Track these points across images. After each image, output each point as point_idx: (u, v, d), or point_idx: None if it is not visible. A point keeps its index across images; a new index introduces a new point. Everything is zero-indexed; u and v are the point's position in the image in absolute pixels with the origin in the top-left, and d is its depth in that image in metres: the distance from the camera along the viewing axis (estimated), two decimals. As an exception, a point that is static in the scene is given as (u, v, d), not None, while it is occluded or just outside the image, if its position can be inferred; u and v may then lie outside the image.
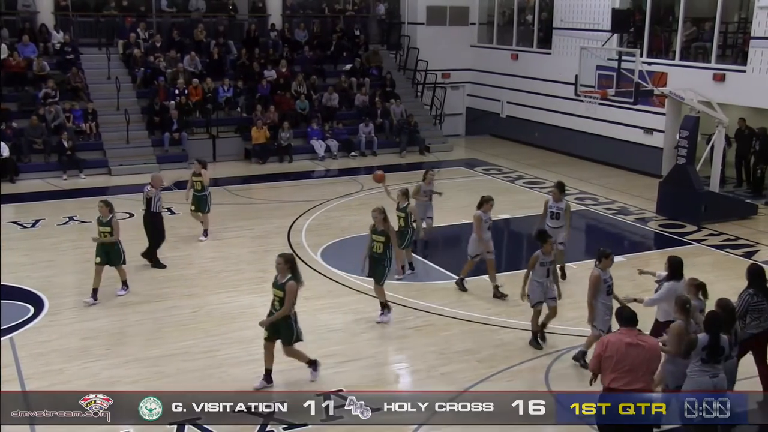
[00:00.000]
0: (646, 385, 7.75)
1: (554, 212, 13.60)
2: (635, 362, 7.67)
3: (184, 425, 8.96)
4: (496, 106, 28.51)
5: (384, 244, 11.68)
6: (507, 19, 28.57)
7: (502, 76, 28.00)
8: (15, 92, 22.97)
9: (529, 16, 27.64)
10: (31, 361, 10.54)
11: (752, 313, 9.32)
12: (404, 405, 9.60)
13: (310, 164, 23.84)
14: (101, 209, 12.84)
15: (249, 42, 26.69)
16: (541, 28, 26.80)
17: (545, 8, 26.57)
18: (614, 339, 7.88)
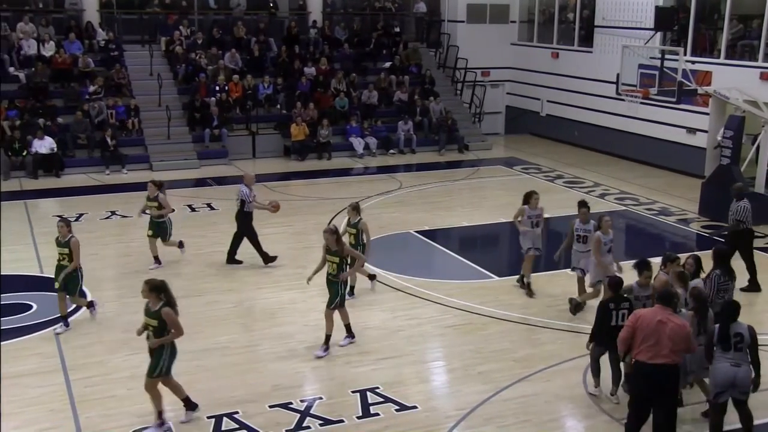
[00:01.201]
0: (670, 360, 8.02)
1: (581, 235, 12.16)
2: (661, 338, 7.99)
3: (222, 418, 9.05)
4: (536, 105, 28.32)
5: (338, 266, 10.72)
6: (547, 17, 28.36)
7: (542, 74, 27.80)
8: (61, 88, 23.36)
9: (570, 14, 27.41)
10: (73, 352, 10.72)
11: (718, 293, 10.03)
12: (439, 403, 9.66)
13: (349, 161, 23.91)
14: (61, 229, 11.33)
15: (289, 39, 26.84)
16: (583, 26, 26.55)
17: (587, 6, 26.31)
18: (647, 314, 8.27)
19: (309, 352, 10.86)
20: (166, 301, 8.71)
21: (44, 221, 17.07)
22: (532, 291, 13.00)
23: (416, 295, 13.01)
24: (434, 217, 17.77)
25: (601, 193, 20.23)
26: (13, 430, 8.82)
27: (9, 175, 20.67)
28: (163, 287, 8.75)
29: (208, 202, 18.81)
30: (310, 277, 11.20)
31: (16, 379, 9.88)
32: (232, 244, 14.36)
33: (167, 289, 8.80)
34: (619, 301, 9.54)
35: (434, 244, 16.09)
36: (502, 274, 14.15)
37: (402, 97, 26.27)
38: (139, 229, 16.75)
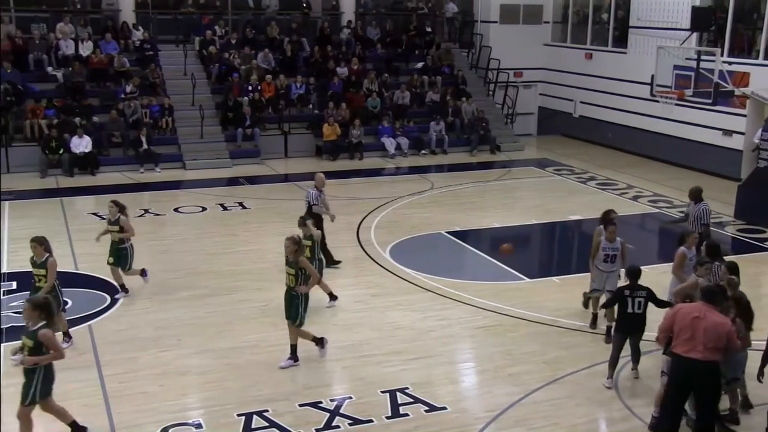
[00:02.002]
0: (704, 357, 7.95)
1: (609, 254, 11.35)
2: (696, 333, 7.98)
3: (252, 416, 9.10)
4: (569, 106, 28.12)
5: (295, 278, 10.22)
6: (581, 18, 28.15)
7: (575, 75, 27.60)
8: (97, 88, 23.65)
9: (604, 15, 27.18)
10: (106, 348, 10.83)
11: None
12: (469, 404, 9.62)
13: (381, 162, 23.92)
14: (35, 249, 10.45)
15: (322, 39, 26.93)
16: (617, 26, 26.32)
17: (622, 6, 26.07)
18: (686, 308, 8.28)
19: (339, 351, 10.87)
20: (47, 322, 8.13)
21: (79, 219, 17.31)
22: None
23: (447, 295, 12.98)
24: (465, 217, 17.71)
25: (634, 196, 20.03)
26: (48, 423, 8.93)
27: (46, 173, 20.97)
28: (45, 306, 8.19)
29: (239, 201, 18.93)
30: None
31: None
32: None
33: (50, 309, 8.23)
34: (636, 289, 9.84)
35: (465, 245, 16.03)
36: (532, 276, 14.06)
37: (434, 98, 26.23)
38: (172, 227, 16.98)
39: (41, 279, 10.42)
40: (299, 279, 10.23)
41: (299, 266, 10.17)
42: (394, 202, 18.94)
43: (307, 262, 10.38)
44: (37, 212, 17.69)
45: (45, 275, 10.38)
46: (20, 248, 14.91)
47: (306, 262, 10.35)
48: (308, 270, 10.31)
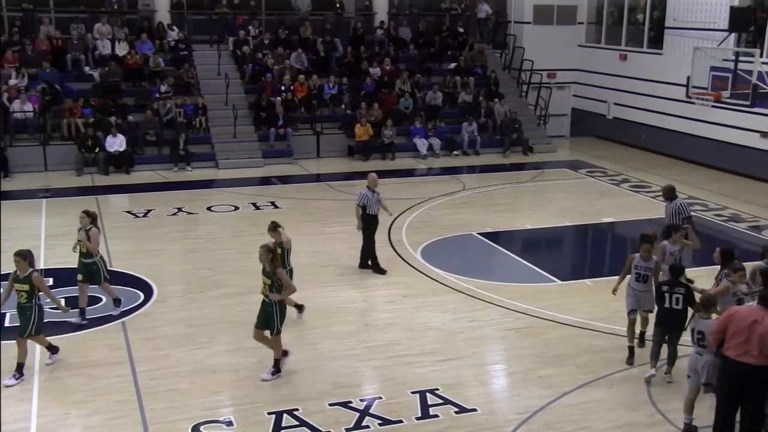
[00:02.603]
0: (757, 361, 7.90)
1: (641, 274, 10.68)
2: (751, 337, 7.90)
3: (282, 414, 9.14)
4: (603, 107, 27.88)
5: (271, 287, 9.87)
6: (616, 19, 27.90)
7: (609, 76, 27.36)
8: (132, 87, 23.92)
9: (639, 15, 26.91)
10: (140, 345, 10.95)
11: None
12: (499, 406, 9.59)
13: (413, 162, 23.90)
14: (18, 263, 9.85)
15: (355, 40, 26.99)
16: (653, 27, 26.04)
17: (657, 7, 25.79)
18: (742, 312, 8.24)
19: (369, 351, 10.89)
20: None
21: (114, 216, 17.53)
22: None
23: (478, 297, 12.94)
24: (497, 219, 17.65)
25: (668, 198, 19.79)
26: (81, 418, 9.06)
27: (82, 171, 21.25)
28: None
29: (272, 200, 19.03)
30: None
31: (84, 369, 10.14)
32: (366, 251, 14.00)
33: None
34: (674, 286, 9.78)
35: (497, 247, 15.97)
36: (564, 278, 13.97)
37: (467, 99, 26.16)
38: (205, 226, 17.12)
39: (23, 295, 9.76)
40: (274, 288, 9.86)
41: (276, 277, 9.81)
42: (425, 202, 18.92)
43: (283, 274, 9.96)
44: (73, 209, 17.81)
45: (27, 291, 9.73)
46: (57, 245, 15.19)
47: (283, 273, 9.94)
48: (284, 281, 9.89)
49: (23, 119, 21.83)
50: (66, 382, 9.85)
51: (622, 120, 27.09)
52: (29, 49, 23.61)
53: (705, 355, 8.56)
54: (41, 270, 13.59)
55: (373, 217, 13.82)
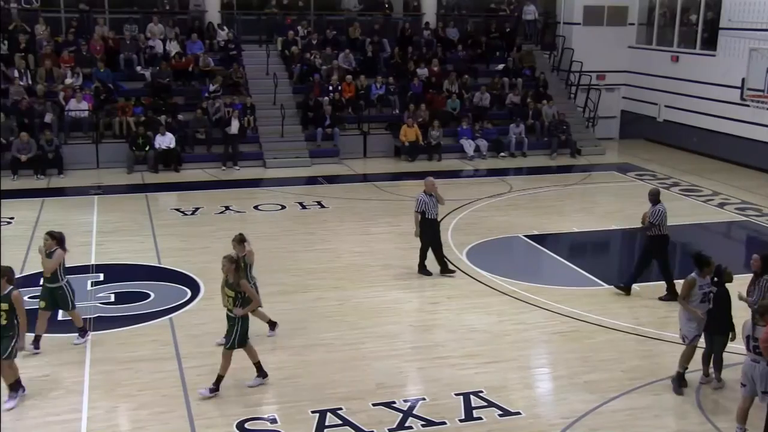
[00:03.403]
0: None
1: (708, 292, 9.79)
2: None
3: (326, 413, 9.18)
4: (653, 110, 27.48)
5: (233, 300, 9.45)
6: (668, 19, 27.47)
7: (660, 78, 26.96)
8: (182, 87, 24.25)
9: (693, 16, 26.45)
10: (187, 341, 11.08)
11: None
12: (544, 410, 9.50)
13: (459, 163, 23.83)
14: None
15: (403, 40, 27.00)
16: (706, 28, 25.59)
17: (712, 7, 25.33)
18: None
19: (413, 352, 10.89)
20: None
21: (163, 214, 17.79)
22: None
23: (523, 299, 12.85)
24: (544, 221, 17.51)
25: (720, 203, 19.45)
26: (129, 411, 9.21)
27: (133, 168, 21.60)
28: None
29: (318, 200, 19.13)
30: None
31: (132, 363, 10.30)
32: (421, 254, 13.88)
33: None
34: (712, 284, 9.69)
35: (543, 249, 15.84)
36: (611, 282, 13.76)
37: (514, 100, 26.00)
38: (251, 224, 17.25)
39: (2, 315, 9.05)
40: (237, 301, 9.45)
41: (239, 288, 9.42)
42: (471, 204, 18.84)
43: (248, 285, 9.60)
44: (123, 207, 18.26)
45: (6, 311, 9.05)
46: (107, 241, 15.48)
47: (247, 285, 9.56)
48: (248, 293, 9.50)
49: (77, 118, 22.29)
50: (115, 375, 10.01)
51: (672, 122, 26.67)
52: (84, 50, 24.10)
53: (762, 362, 8.37)
54: (93, 266, 13.92)
55: (432, 221, 13.67)
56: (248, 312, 9.61)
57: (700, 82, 25.09)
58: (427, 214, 13.57)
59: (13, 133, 21.19)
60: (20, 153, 20.68)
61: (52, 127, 21.57)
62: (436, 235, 13.84)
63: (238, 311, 9.43)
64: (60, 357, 10.49)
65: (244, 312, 9.49)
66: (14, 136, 21.03)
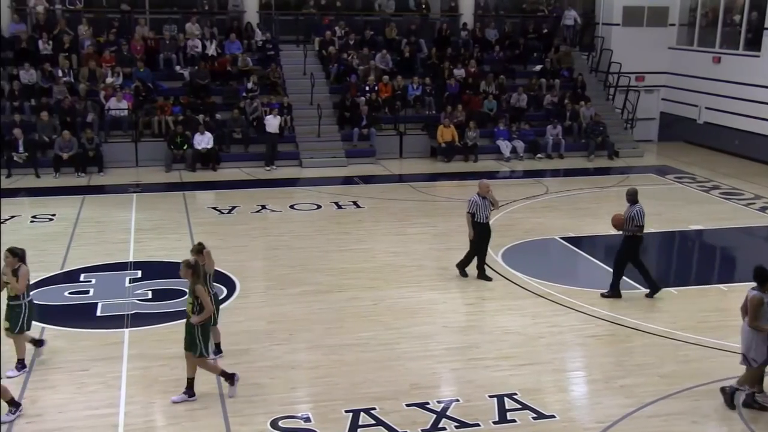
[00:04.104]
0: None
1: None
2: None
3: (359, 413, 9.20)
4: (693, 112, 27.11)
5: (193, 306, 9.22)
6: (710, 20, 27.08)
7: (701, 79, 26.59)
8: (220, 86, 24.46)
9: (736, 16, 26.05)
10: (222, 339, 11.10)
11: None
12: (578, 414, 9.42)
13: (496, 164, 23.72)
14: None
15: (440, 41, 26.95)
16: (750, 28, 25.18)
17: (756, 7, 24.90)
18: None
19: (448, 353, 10.86)
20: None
21: (200, 212, 17.97)
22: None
23: (558, 302, 12.76)
24: (580, 223, 17.37)
25: (761, 207, 19.13)
26: (166, 407, 9.31)
27: (171, 167, 21.84)
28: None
29: (354, 200, 19.17)
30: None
31: (169, 360, 10.40)
32: (467, 255, 13.82)
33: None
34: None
35: (579, 252, 15.72)
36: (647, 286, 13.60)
37: (552, 101, 25.83)
38: (287, 223, 17.36)
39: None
40: (196, 308, 9.22)
41: (195, 294, 9.20)
42: (507, 205, 18.74)
43: (203, 292, 9.21)
44: (161, 205, 18.47)
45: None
46: (146, 238, 15.68)
47: (202, 291, 9.20)
48: (202, 300, 9.19)
49: (117, 117, 22.61)
50: (152, 372, 10.13)
51: (713, 125, 26.29)
52: (125, 49, 24.44)
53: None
54: (131, 263, 14.10)
55: (482, 225, 13.55)
56: (202, 320, 9.23)
57: (742, 84, 24.70)
58: (477, 216, 13.48)
59: (56, 131, 21.59)
60: (62, 151, 21.05)
61: (93, 125, 21.91)
62: (485, 239, 13.73)
63: (194, 319, 9.18)
64: (99, 352, 10.64)
65: (198, 320, 9.18)
66: (57, 134, 21.42)
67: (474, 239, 13.63)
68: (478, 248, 13.70)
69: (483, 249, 13.77)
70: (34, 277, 13.17)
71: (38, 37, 24.06)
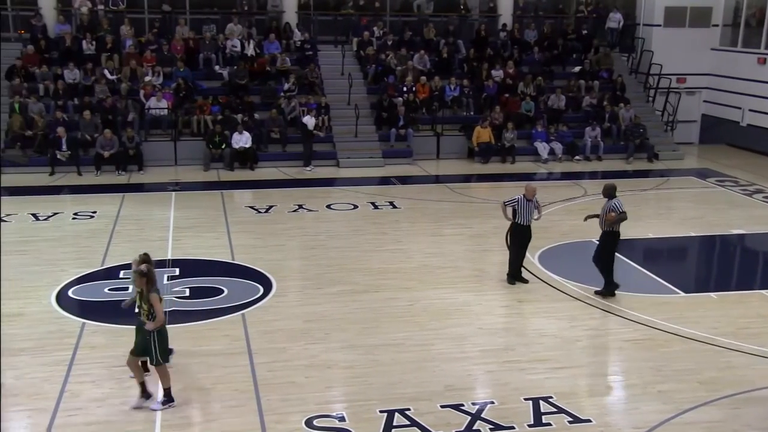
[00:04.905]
0: None
1: None
2: None
3: (394, 413, 9.19)
4: (736, 114, 26.69)
5: (148, 313, 9.08)
6: (756, 20, 26.62)
7: (745, 81, 26.17)
8: (259, 86, 24.62)
9: (782, 17, 25.61)
10: (258, 337, 11.24)
11: None
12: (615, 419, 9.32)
13: (533, 166, 23.57)
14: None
15: (478, 41, 26.85)
16: (797, 29, 24.75)
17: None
18: None
19: (482, 355, 10.81)
20: None
21: (237, 211, 18.11)
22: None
23: (595, 305, 12.64)
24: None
25: (805, 211, 18.78)
26: (202, 403, 9.39)
27: (209, 166, 22.04)
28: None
29: (390, 200, 19.18)
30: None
31: (205, 357, 10.50)
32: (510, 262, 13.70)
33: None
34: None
35: (617, 255, 15.51)
36: (688, 290, 13.45)
37: (591, 103, 25.59)
38: (324, 223, 17.42)
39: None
40: (151, 316, 9.09)
41: (149, 302, 9.06)
42: (544, 207, 18.47)
43: (156, 300, 9.04)
44: (199, 203, 18.64)
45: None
46: (184, 236, 15.83)
47: (156, 299, 9.03)
48: (155, 308, 9.04)
49: (157, 116, 22.88)
50: (189, 368, 10.22)
51: (757, 127, 25.86)
52: (165, 49, 24.73)
53: None
54: (169, 260, 14.25)
55: (522, 227, 13.43)
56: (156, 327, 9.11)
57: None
58: (518, 217, 13.38)
59: (98, 130, 21.90)
60: (104, 149, 21.36)
61: (133, 124, 22.20)
62: (525, 242, 13.60)
63: (149, 326, 9.07)
64: (137, 348, 10.76)
65: (153, 327, 9.07)
66: (98, 133, 21.73)
67: (513, 241, 13.59)
68: (516, 250, 13.61)
69: (522, 251, 13.68)
70: (75, 273, 13.55)
71: (82, 38, 24.45)
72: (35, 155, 21.47)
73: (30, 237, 15.80)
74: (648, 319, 12.10)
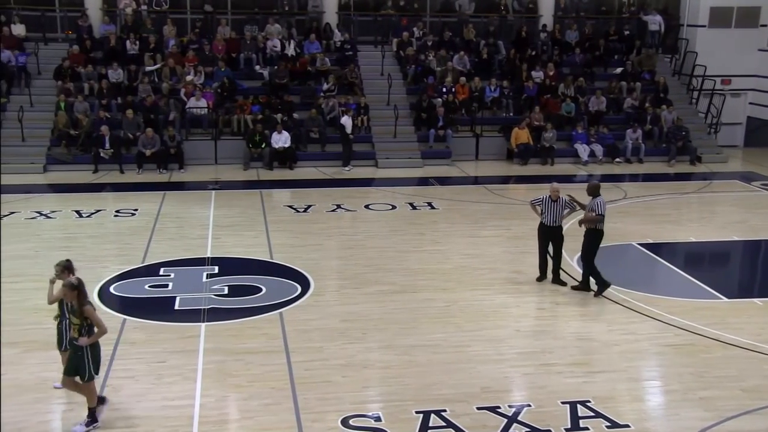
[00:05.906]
0: None
1: None
2: None
3: (430, 414, 9.18)
4: (783, 117, 26.22)
5: (79, 328, 8.55)
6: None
7: (792, 83, 25.70)
8: (298, 86, 24.75)
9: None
10: (295, 336, 11.29)
11: None
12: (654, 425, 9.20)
13: (573, 168, 23.38)
14: None
15: (519, 42, 26.70)
16: None
17: None
18: None
19: (519, 357, 10.74)
20: None
21: (276, 210, 18.22)
22: None
23: (635, 309, 12.49)
24: (659, 230, 16.97)
25: None
26: (239, 401, 9.47)
27: (249, 165, 22.22)
28: None
29: (429, 201, 19.16)
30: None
31: (243, 355, 10.58)
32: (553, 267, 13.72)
33: None
34: None
35: (657, 258, 15.35)
36: (731, 296, 13.23)
37: (632, 104, 25.30)
38: (362, 223, 17.46)
39: None
40: (83, 329, 8.57)
41: (83, 315, 8.52)
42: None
43: (91, 311, 8.57)
44: (239, 202, 18.80)
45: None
46: (223, 235, 15.97)
47: (91, 311, 8.56)
48: (93, 320, 8.56)
49: (198, 115, 23.12)
50: (226, 366, 10.31)
51: (803, 130, 25.37)
52: (207, 49, 24.98)
53: None
54: (208, 258, 14.38)
55: (547, 228, 13.42)
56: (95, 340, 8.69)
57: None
58: (544, 218, 13.37)
59: (140, 128, 22.22)
60: (145, 148, 21.65)
61: (174, 123, 22.46)
62: (557, 243, 13.54)
63: (83, 340, 8.56)
64: (176, 345, 10.88)
65: (90, 341, 8.61)
66: (140, 131, 22.03)
67: (540, 241, 13.65)
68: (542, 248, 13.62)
69: (545, 249, 13.65)
70: (116, 270, 13.75)
71: (126, 38, 24.81)
72: (79, 153, 21.86)
73: (74, 233, 16.08)
74: (689, 324, 11.92)
